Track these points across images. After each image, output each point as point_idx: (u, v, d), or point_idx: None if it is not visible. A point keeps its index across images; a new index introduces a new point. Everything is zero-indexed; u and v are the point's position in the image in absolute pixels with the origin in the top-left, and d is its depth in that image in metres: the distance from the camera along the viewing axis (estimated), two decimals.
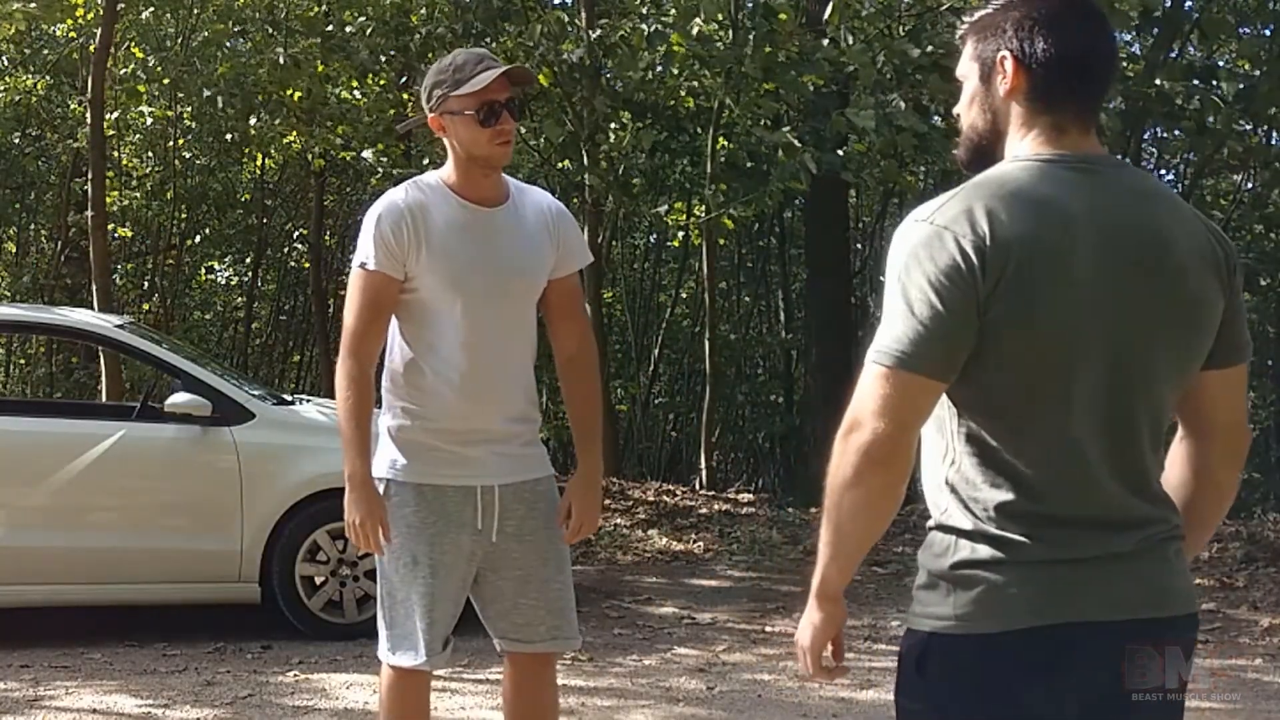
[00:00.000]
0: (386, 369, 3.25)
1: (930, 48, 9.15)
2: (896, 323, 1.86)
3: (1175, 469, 2.07)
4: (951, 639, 1.90)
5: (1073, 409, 1.89)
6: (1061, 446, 1.89)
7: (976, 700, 1.89)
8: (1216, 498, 2.09)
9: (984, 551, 1.89)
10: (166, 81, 12.98)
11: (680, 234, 15.03)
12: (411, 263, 3.14)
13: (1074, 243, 1.86)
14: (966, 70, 2.04)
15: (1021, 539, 1.88)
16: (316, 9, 11.76)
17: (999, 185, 1.90)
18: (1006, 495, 1.89)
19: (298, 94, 11.60)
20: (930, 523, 1.99)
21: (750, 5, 10.41)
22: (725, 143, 11.27)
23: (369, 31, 10.90)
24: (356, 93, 12.26)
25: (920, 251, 1.86)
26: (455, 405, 3.18)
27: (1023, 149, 1.96)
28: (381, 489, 3.20)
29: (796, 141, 9.29)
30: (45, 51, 14.83)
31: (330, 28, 11.19)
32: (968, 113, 2.04)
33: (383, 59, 11.22)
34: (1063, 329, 1.86)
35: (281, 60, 10.96)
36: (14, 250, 17.21)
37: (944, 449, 1.95)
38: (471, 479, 3.20)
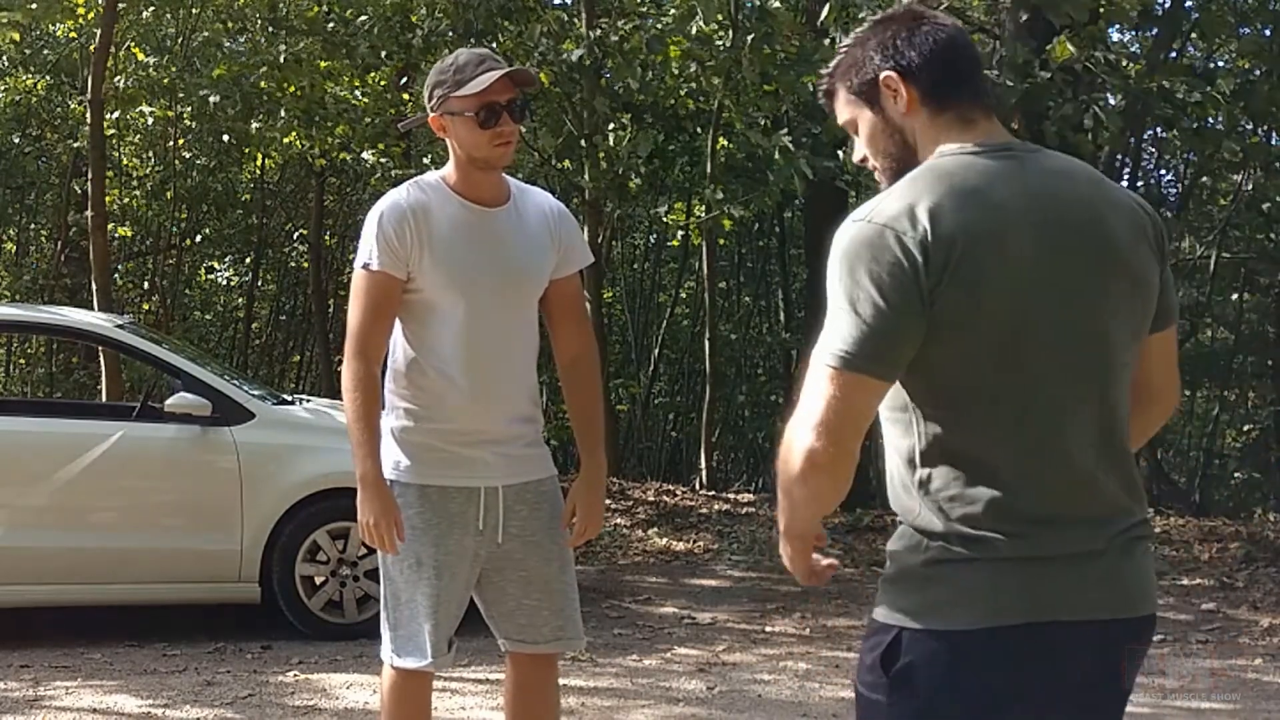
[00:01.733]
0: (390, 369, 3.24)
1: None
2: (841, 322, 1.86)
3: None
4: (919, 635, 1.90)
5: (1036, 398, 1.89)
6: (1028, 438, 1.89)
7: (941, 697, 1.89)
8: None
9: (956, 550, 1.89)
10: (166, 82, 12.98)
11: (680, 234, 15.03)
12: (414, 263, 3.13)
13: (1010, 227, 1.89)
14: (852, 113, 2.07)
15: (993, 536, 1.87)
16: (317, 8, 11.76)
17: (934, 179, 1.91)
18: (976, 492, 1.89)
19: (297, 90, 11.59)
20: (900, 522, 1.99)
21: (750, 6, 10.41)
22: (725, 143, 11.27)
23: (370, 28, 10.89)
24: (357, 92, 12.26)
25: (863, 251, 1.86)
26: (459, 406, 3.17)
27: (945, 147, 1.98)
28: None
29: (791, 145, 9.29)
30: (45, 51, 14.85)
31: (331, 25, 11.19)
32: (875, 146, 2.06)
33: (384, 55, 11.21)
34: (1011, 314, 1.87)
35: (282, 58, 10.96)
36: (14, 250, 17.23)
37: (910, 450, 1.94)
38: (475, 480, 3.19)
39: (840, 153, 9.87)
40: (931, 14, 2.07)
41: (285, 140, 12.90)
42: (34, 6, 11.56)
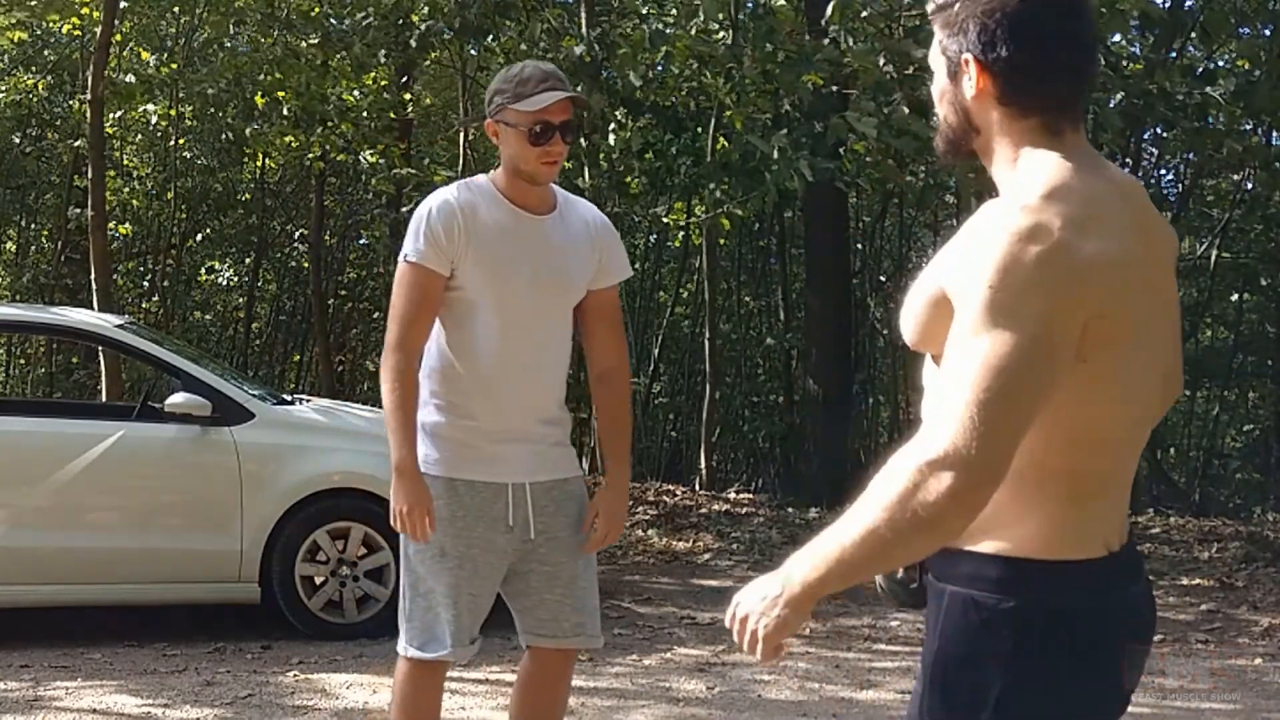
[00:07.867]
0: (424, 365, 3.30)
1: None
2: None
3: None
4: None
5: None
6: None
7: None
8: None
9: None
10: (166, 74, 12.97)
11: (680, 234, 15.03)
12: (459, 261, 3.20)
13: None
14: (936, 62, 1.95)
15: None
16: (317, 8, 11.75)
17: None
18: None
19: (297, 87, 11.58)
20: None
21: (750, 5, 10.41)
22: (725, 143, 11.27)
23: (366, 24, 10.88)
24: (356, 92, 12.26)
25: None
26: (490, 404, 3.23)
27: (1048, 155, 1.82)
28: None
29: (789, 147, 9.29)
30: (46, 51, 14.85)
31: (330, 20, 11.18)
32: (940, 105, 1.95)
33: (381, 54, 11.20)
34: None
35: (279, 53, 10.96)
36: (14, 250, 17.23)
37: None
38: (503, 476, 3.25)
39: (841, 150, 9.87)
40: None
41: (285, 140, 12.90)
42: (34, 4, 11.55)
